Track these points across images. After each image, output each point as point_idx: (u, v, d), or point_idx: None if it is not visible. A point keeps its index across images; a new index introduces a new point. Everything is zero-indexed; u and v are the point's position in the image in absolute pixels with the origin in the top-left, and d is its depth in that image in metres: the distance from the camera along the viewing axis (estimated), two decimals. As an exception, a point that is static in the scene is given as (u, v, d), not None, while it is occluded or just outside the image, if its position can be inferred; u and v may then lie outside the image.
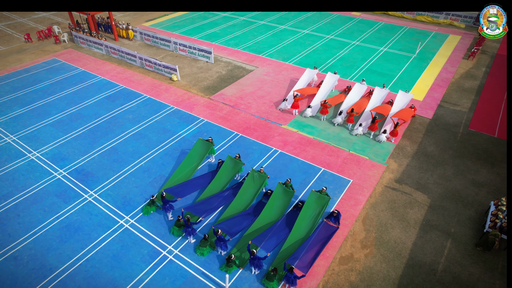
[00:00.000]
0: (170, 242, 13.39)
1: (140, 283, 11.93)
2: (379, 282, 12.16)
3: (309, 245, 12.64)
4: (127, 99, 22.22)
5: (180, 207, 14.62)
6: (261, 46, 29.98)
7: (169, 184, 15.34)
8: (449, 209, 14.99)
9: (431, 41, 31.36)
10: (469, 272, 12.54)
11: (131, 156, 17.59)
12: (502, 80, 25.29)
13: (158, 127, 19.69)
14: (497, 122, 20.71)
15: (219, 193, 14.89)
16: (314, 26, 34.49)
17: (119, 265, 12.54)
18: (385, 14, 37.96)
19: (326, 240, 13.12)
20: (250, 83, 24.17)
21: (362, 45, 30.48)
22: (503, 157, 17.88)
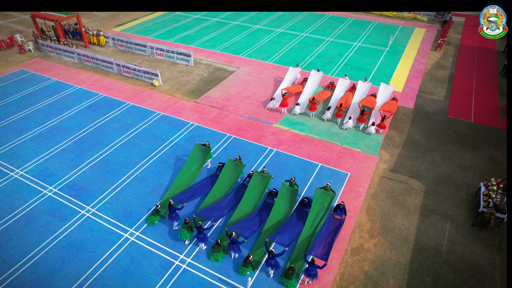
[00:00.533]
0: (181, 250, 13.10)
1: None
2: (392, 269, 12.61)
3: (321, 238, 12.86)
4: (110, 108, 21.39)
5: (186, 214, 14.33)
6: (238, 46, 29.92)
7: (171, 192, 14.98)
8: (443, 193, 15.81)
9: (400, 35, 32.79)
10: (471, 251, 13.32)
11: (124, 167, 16.97)
12: (469, 69, 26.94)
13: (147, 135, 19.13)
14: (471, 108, 22.06)
15: (225, 197, 14.76)
16: (287, 24, 34.92)
17: (131, 280, 12.10)
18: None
19: (336, 231, 13.40)
20: (234, 84, 24.08)
21: (337, 41, 31.28)
22: (482, 141, 19.08)
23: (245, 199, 14.44)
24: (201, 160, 16.21)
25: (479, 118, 21.08)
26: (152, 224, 13.90)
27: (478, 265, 12.79)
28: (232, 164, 15.77)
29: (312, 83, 22.82)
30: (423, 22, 35.95)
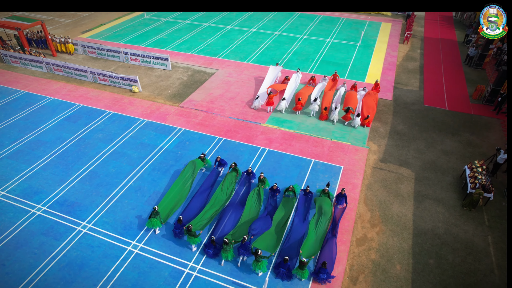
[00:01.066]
0: (190, 258, 12.88)
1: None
2: (397, 255, 13.13)
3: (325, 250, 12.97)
4: (90, 118, 20.51)
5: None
6: (214, 48, 29.70)
7: (170, 200, 14.52)
8: (431, 178, 16.65)
9: (368, 30, 33.99)
10: (464, 230, 14.15)
11: (115, 178, 16.37)
12: (436, 60, 28.46)
13: (134, 143, 18.56)
14: (444, 96, 23.35)
15: (228, 209, 14.45)
16: (259, 24, 35.10)
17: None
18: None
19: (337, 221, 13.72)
20: (216, 86, 23.91)
21: (310, 38, 31.88)
22: (458, 126, 20.26)
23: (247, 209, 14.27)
24: (193, 172, 15.89)
25: (452, 105, 22.36)
26: (154, 226, 13.46)
27: (473, 243, 13.61)
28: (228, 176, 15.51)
29: (293, 82, 23.10)
30: (388, 17, 37.51)
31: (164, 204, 14.28)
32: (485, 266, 12.79)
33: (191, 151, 17.97)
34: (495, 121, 20.86)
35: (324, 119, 20.53)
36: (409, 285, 12.14)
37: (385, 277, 12.40)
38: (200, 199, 14.78)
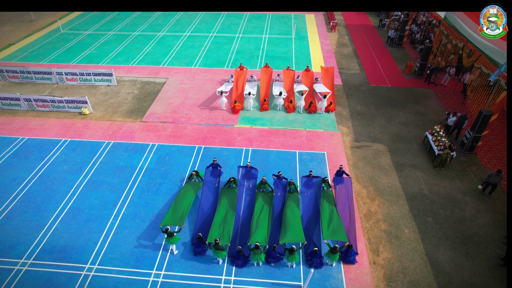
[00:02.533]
0: (219, 272, 12.51)
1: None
2: (401, 221, 14.57)
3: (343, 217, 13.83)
4: (44, 150, 18.09)
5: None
6: (154, 57, 28.34)
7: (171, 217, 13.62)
8: (401, 148, 18.66)
9: (296, 22, 35.89)
10: (443, 187, 16.29)
11: (103, 209, 14.87)
12: (364, 44, 31.46)
13: (109, 168, 17.00)
14: (382, 75, 26.07)
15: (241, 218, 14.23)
16: (191, 27, 34.44)
17: (185, 320, 11.10)
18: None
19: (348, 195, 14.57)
20: (173, 95, 23.00)
21: (246, 36, 32.43)
22: (404, 100, 22.92)
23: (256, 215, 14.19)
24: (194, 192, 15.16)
25: (393, 82, 25.14)
26: (177, 241, 12.71)
27: (453, 196, 15.77)
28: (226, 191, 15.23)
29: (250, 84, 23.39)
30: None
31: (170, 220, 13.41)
32: (468, 213, 14.96)
33: (174, 165, 17.17)
34: (429, 91, 24.09)
35: (291, 111, 21.33)
36: (421, 244, 13.62)
37: (399, 242, 13.70)
38: (212, 211, 14.32)
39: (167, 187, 15.94)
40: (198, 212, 14.35)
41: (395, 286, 12.21)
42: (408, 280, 12.41)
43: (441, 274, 12.58)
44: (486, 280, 12.42)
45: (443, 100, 22.92)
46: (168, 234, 12.51)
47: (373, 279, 12.37)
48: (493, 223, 14.48)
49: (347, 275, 12.46)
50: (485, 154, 18.22)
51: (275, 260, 12.63)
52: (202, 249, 12.85)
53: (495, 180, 14.61)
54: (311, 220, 14.10)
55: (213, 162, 15.70)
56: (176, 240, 12.76)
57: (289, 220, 13.38)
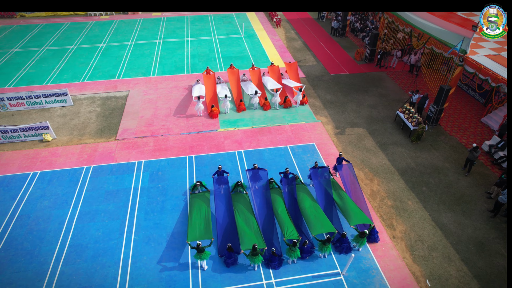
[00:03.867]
0: (258, 277, 12.32)
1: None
2: (402, 194, 15.80)
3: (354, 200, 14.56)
4: (12, 188, 15.80)
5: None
6: (104, 70, 26.27)
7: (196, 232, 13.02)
8: (379, 129, 20.11)
9: (240, 21, 36.08)
10: (424, 158, 18.00)
11: (109, 240, 13.58)
12: (310, 36, 32.89)
13: (99, 195, 15.51)
14: (338, 64, 27.63)
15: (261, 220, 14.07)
16: (133, 35, 32.54)
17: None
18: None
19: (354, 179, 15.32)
20: (141, 108, 21.67)
21: (195, 39, 31.73)
22: (364, 84, 24.64)
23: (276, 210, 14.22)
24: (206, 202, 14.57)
25: (348, 69, 26.80)
26: (207, 256, 12.21)
27: (435, 165, 17.54)
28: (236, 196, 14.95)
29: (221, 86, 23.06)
30: (247, 7, 40.49)
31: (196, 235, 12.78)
32: (452, 177, 16.79)
33: (171, 180, 16.32)
34: (382, 74, 26.21)
35: (268, 108, 21.57)
36: (425, 212, 14.96)
37: (407, 214, 14.88)
38: (230, 219, 13.94)
39: (172, 204, 15.11)
40: (215, 223, 13.89)
41: (418, 254, 13.27)
42: (427, 246, 13.58)
43: (450, 235, 14.00)
44: (486, 231, 14.14)
45: (397, 81, 25.14)
46: (199, 249, 11.94)
47: (398, 251, 13.29)
48: (474, 182, 16.47)
49: (375, 253, 13.19)
50: (447, 124, 20.51)
51: (309, 254, 12.84)
52: (234, 259, 12.52)
53: (473, 157, 16.40)
54: (327, 208, 14.54)
55: (218, 169, 15.28)
56: (207, 255, 12.24)
57: (311, 212, 13.66)
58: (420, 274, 12.59)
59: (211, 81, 22.67)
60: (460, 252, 13.38)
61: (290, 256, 12.48)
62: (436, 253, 13.32)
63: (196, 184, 15.06)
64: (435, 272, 12.67)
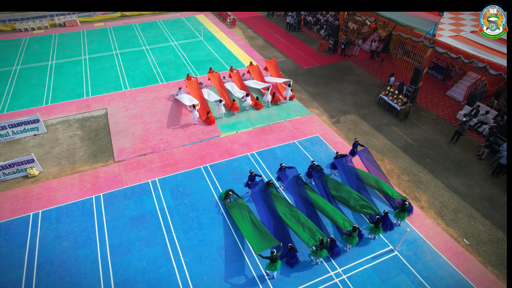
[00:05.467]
0: (325, 271, 12.55)
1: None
2: (413, 168, 17.21)
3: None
4: (16, 235, 13.66)
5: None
6: (67, 89, 23.70)
7: (260, 241, 12.76)
8: (367, 113, 21.50)
9: (193, 24, 35.24)
10: (416, 133, 19.77)
11: (157, 268, 12.57)
12: (268, 33, 33.47)
13: (124, 223, 14.21)
14: (305, 57, 28.67)
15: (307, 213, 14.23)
16: (83, 49, 29.74)
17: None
18: (123, 16, 37.41)
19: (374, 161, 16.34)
20: (128, 125, 20.15)
21: (154, 47, 30.23)
22: (339, 73, 26.01)
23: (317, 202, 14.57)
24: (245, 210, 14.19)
25: (318, 61, 28.01)
26: (279, 266, 12.06)
27: (427, 138, 19.40)
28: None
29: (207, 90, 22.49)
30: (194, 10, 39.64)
31: (262, 244, 12.53)
32: (445, 147, 18.74)
33: (195, 193, 15.61)
34: (348, 62, 27.92)
35: (261, 108, 21.64)
36: (437, 180, 16.54)
37: (424, 185, 16.30)
38: (275, 220, 13.84)
39: (208, 217, 14.50)
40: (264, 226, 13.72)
41: (447, 218, 14.69)
42: (451, 209, 15.09)
43: (465, 196, 15.73)
44: (490, 188, 16.18)
45: (364, 67, 27.02)
46: (273, 259, 11.74)
47: (431, 219, 14.56)
48: (463, 149, 18.62)
49: (414, 225, 14.27)
50: (422, 101, 22.73)
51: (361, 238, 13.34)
52: (296, 258, 12.54)
53: (462, 129, 18.45)
54: (362, 192, 15.27)
55: (251, 174, 15.02)
56: (279, 264, 12.03)
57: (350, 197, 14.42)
58: (456, 235, 13.97)
59: (194, 87, 21.97)
60: (478, 209, 15.13)
61: (349, 242, 12.91)
62: (461, 214, 14.88)
63: (228, 193, 14.64)
64: (467, 231, 14.17)
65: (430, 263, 12.83)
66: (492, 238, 13.89)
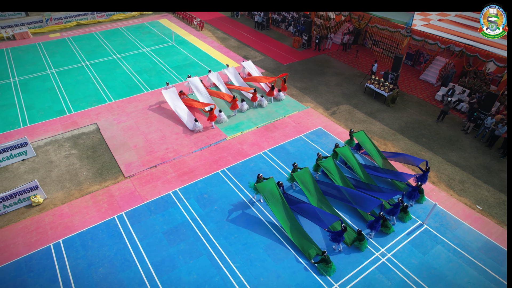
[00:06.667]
0: (369, 253, 13.18)
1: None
2: (414, 148, 18.56)
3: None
4: (42, 269, 12.43)
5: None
6: (44, 107, 21.75)
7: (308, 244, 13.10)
8: (358, 102, 22.64)
9: (158, 29, 34.14)
10: (406, 116, 21.27)
11: (210, 278, 12.26)
12: (239, 33, 33.54)
13: (158, 239, 13.58)
14: (283, 54, 29.25)
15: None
16: (46, 63, 27.38)
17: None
18: (78, 25, 35.07)
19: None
20: (126, 138, 19.14)
21: (126, 55, 28.84)
22: (319, 67, 26.98)
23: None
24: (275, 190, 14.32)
25: (295, 57, 28.74)
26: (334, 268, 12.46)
27: (417, 119, 20.99)
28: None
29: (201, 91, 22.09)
30: (153, 14, 38.31)
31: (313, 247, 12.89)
32: (434, 125, 20.44)
33: (222, 198, 15.41)
34: (324, 56, 29.04)
35: (256, 100, 21.62)
36: (437, 156, 18.02)
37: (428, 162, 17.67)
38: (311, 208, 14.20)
39: (243, 220, 14.42)
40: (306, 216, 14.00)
41: (457, 188, 16.14)
42: (458, 181, 16.59)
43: (465, 168, 17.37)
44: (483, 158, 18.03)
45: (341, 59, 28.31)
46: (326, 260, 12.16)
47: (444, 192, 15.90)
48: (450, 125, 20.46)
49: (432, 199, 15.47)
50: (402, 86, 24.45)
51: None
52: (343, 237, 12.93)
53: (447, 108, 20.23)
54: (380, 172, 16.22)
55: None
56: (334, 266, 12.43)
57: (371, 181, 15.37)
58: (470, 203, 15.43)
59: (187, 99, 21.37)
60: (479, 177, 16.81)
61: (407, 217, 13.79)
62: (467, 184, 16.43)
63: (259, 177, 14.53)
64: (476, 198, 15.71)
65: (457, 231, 14.05)
66: (498, 201, 15.54)
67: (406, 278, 12.33)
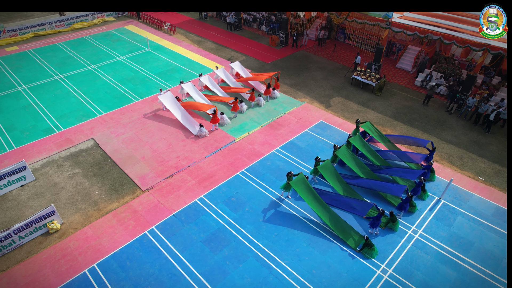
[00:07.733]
0: (403, 232, 14.03)
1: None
2: (411, 131, 19.90)
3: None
4: (87, 298, 11.68)
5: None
6: (27, 127, 19.98)
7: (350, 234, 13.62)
8: (349, 93, 23.67)
9: (128, 36, 32.76)
10: (395, 103, 22.68)
11: (264, 278, 12.30)
12: (213, 35, 33.25)
13: (200, 248, 13.27)
14: (263, 53, 29.57)
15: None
16: (14, 80, 25.13)
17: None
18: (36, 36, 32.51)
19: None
20: (131, 151, 18.32)
21: (103, 64, 27.35)
22: (304, 63, 27.70)
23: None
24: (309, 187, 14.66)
25: (276, 55, 29.22)
26: (377, 251, 13.14)
27: (405, 105, 22.48)
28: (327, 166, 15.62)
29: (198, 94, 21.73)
30: (117, 21, 36.60)
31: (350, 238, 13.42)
32: (422, 109, 22.05)
33: (251, 199, 15.43)
34: (302, 52, 29.87)
35: (254, 99, 21.79)
36: (432, 137, 19.48)
37: (428, 142, 19.09)
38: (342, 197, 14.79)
39: (278, 217, 14.59)
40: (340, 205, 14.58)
41: (458, 164, 17.65)
42: (456, 156, 18.14)
43: (459, 144, 19.02)
44: (471, 134, 19.85)
45: (320, 54, 29.30)
46: (370, 244, 12.81)
47: (449, 168, 17.32)
48: (434, 107, 22.21)
49: (440, 175, 16.79)
50: (387, 73, 25.90)
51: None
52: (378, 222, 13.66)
53: (432, 92, 21.90)
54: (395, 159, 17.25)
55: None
56: (376, 248, 13.07)
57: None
58: (472, 175, 16.97)
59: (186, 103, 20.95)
60: (473, 151, 18.52)
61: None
62: (465, 159, 18.03)
63: (290, 174, 14.79)
64: (476, 170, 17.31)
65: (470, 202, 15.42)
66: (495, 171, 17.27)
67: (441, 250, 13.33)
